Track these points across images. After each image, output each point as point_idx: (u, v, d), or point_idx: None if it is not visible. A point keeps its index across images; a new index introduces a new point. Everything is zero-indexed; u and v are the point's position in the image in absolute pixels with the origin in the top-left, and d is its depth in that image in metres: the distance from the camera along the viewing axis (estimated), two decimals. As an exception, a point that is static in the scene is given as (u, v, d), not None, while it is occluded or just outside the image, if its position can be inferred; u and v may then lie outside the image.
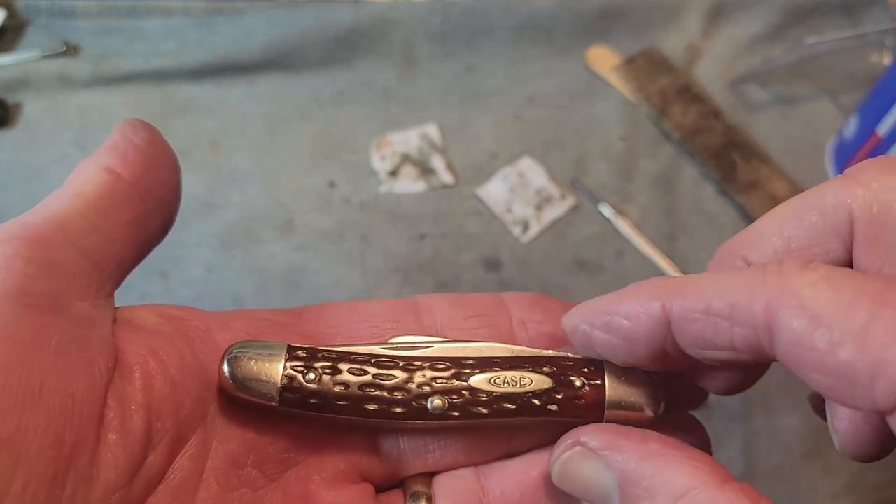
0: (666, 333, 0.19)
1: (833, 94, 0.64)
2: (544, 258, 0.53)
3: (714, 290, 0.17)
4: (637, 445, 0.19)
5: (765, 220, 0.20)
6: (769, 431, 0.47)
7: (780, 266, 0.17)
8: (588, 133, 0.60)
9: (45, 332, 0.17)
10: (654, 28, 0.66)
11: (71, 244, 0.19)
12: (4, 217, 0.62)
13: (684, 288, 0.18)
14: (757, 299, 0.16)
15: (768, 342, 0.16)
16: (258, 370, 0.20)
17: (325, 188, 0.56)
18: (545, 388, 0.21)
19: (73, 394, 0.17)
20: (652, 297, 0.19)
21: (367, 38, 0.63)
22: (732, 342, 0.17)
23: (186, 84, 0.61)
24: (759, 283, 0.17)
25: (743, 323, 0.17)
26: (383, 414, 0.21)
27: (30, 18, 0.64)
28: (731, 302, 0.17)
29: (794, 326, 0.15)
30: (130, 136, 0.21)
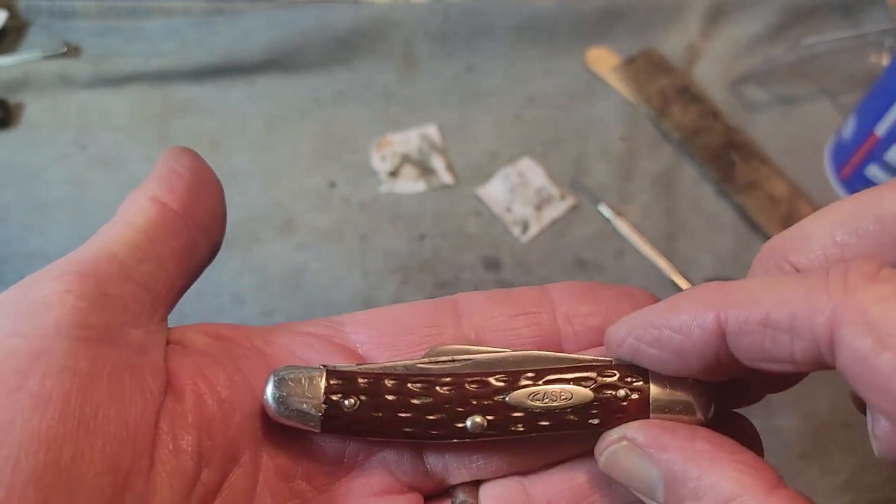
0: (720, 345, 0.18)
1: (832, 94, 0.64)
2: (544, 258, 0.53)
3: (772, 299, 0.16)
4: (684, 444, 0.18)
5: (813, 222, 0.19)
6: (768, 431, 0.47)
7: (846, 275, 0.16)
8: (588, 133, 0.60)
9: (99, 362, 0.18)
10: (654, 28, 0.66)
11: (123, 274, 0.20)
12: (6, 216, 0.62)
13: (739, 297, 0.17)
14: (819, 311, 0.15)
15: (830, 356, 0.16)
16: (300, 399, 0.20)
17: (326, 188, 0.56)
18: (586, 402, 0.21)
19: (127, 420, 0.18)
20: (705, 308, 0.18)
21: (367, 38, 0.63)
22: (793, 355, 0.16)
23: (186, 84, 0.61)
24: (821, 294, 0.16)
25: (803, 336, 0.16)
26: (423, 435, 0.21)
27: (31, 19, 0.64)
28: (791, 313, 0.16)
29: (859, 346, 0.15)
30: (175, 166, 0.22)
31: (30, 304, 0.18)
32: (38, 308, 0.18)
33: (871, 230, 0.18)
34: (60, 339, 0.18)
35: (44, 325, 0.18)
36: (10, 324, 0.18)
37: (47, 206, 0.55)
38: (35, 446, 0.16)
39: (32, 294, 0.18)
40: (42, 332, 0.17)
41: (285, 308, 0.51)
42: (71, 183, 0.56)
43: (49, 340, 0.17)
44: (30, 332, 0.17)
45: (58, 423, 0.16)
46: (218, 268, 0.52)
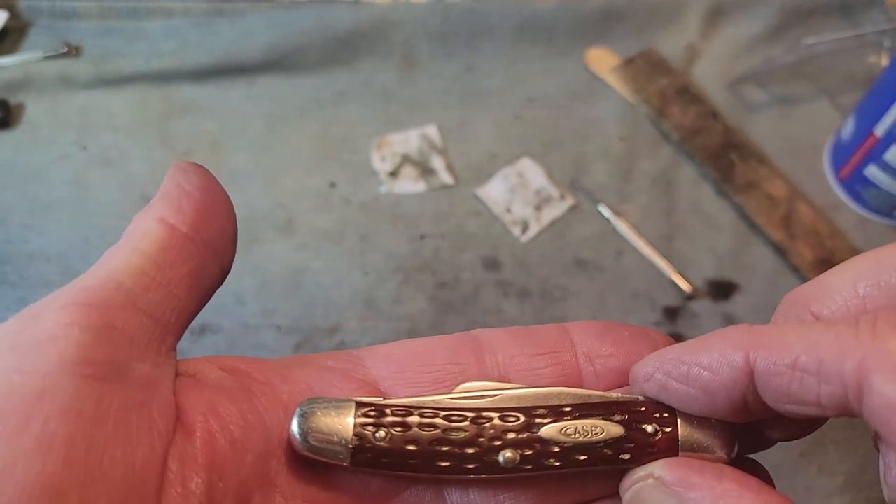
0: (748, 385, 0.18)
1: (831, 94, 0.64)
2: (544, 258, 0.54)
3: (802, 343, 0.17)
4: (711, 483, 0.18)
5: (835, 274, 0.19)
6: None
7: (875, 323, 0.16)
8: (587, 133, 0.60)
9: (105, 401, 0.17)
10: (653, 29, 0.66)
11: (130, 304, 0.19)
12: (7, 216, 0.62)
13: (770, 339, 0.17)
14: (848, 357, 0.16)
15: (857, 402, 0.16)
16: (329, 431, 0.20)
17: (326, 188, 0.56)
18: (617, 437, 0.20)
19: (134, 463, 0.17)
20: (735, 347, 0.18)
21: (367, 38, 0.63)
22: (819, 399, 0.16)
23: (187, 84, 0.61)
24: (850, 340, 0.16)
25: (832, 381, 0.16)
26: (455, 470, 0.20)
27: (32, 20, 0.64)
28: (820, 358, 0.16)
29: (887, 392, 0.15)
30: (184, 184, 0.21)
31: (32, 337, 0.17)
32: (42, 342, 0.17)
33: (893, 283, 0.18)
34: (64, 376, 0.17)
35: (47, 361, 0.17)
36: (11, 358, 0.17)
37: (48, 207, 0.55)
38: (38, 492, 0.15)
39: (35, 326, 0.18)
40: (45, 369, 0.17)
41: (286, 308, 0.51)
42: (71, 183, 0.56)
43: (53, 378, 0.17)
44: (32, 368, 0.17)
45: (62, 468, 0.16)
46: (218, 268, 0.52)
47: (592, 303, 0.52)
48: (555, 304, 0.52)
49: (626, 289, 0.53)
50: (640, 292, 0.52)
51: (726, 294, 0.53)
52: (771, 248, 0.54)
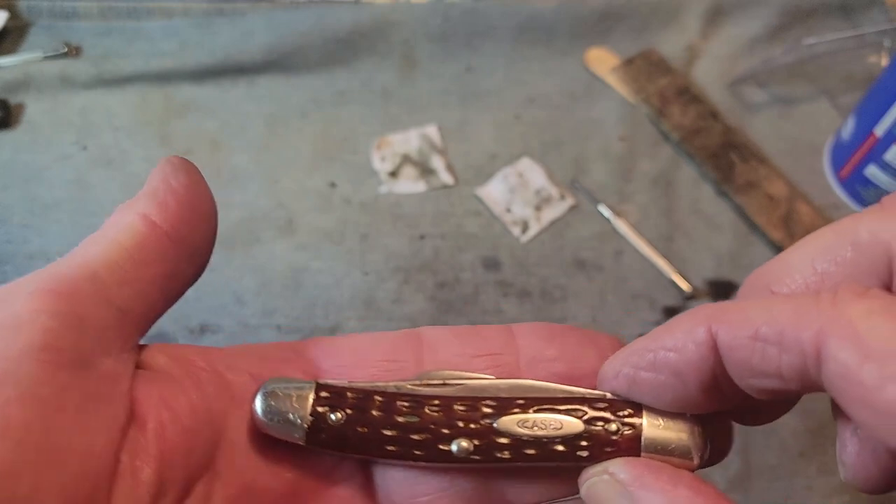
0: (715, 361, 0.18)
1: (831, 94, 0.64)
2: (543, 258, 0.54)
3: (763, 315, 0.17)
4: (665, 487, 0.18)
5: (794, 252, 0.19)
6: (766, 430, 0.47)
7: (835, 293, 0.16)
8: (587, 134, 0.60)
9: (66, 390, 0.17)
10: (653, 29, 0.66)
11: (102, 297, 0.19)
12: (7, 216, 0.62)
13: (731, 313, 0.17)
14: (807, 326, 0.16)
15: (815, 371, 0.16)
16: (287, 409, 0.20)
17: (326, 188, 0.56)
18: (575, 433, 0.20)
19: (89, 452, 0.17)
20: (697, 323, 0.18)
21: (367, 38, 0.63)
22: (780, 370, 0.16)
23: (187, 85, 0.61)
24: (811, 310, 0.16)
25: (791, 350, 0.16)
26: (406, 455, 0.21)
27: (32, 20, 0.64)
28: (780, 328, 0.16)
29: (842, 358, 0.15)
30: (171, 181, 0.21)
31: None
32: (8, 326, 0.17)
33: (848, 257, 0.18)
34: (28, 362, 0.17)
35: (12, 345, 0.17)
36: None
37: (48, 207, 0.55)
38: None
39: (3, 309, 0.17)
40: (9, 354, 0.17)
41: (286, 308, 0.51)
42: (72, 183, 0.56)
43: (15, 363, 0.16)
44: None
45: (16, 452, 0.16)
46: (219, 268, 0.52)
47: (592, 303, 0.52)
48: (555, 304, 0.52)
49: (626, 289, 0.53)
50: (639, 292, 0.52)
51: (726, 294, 0.53)
52: (771, 248, 0.54)
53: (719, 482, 0.46)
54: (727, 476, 0.46)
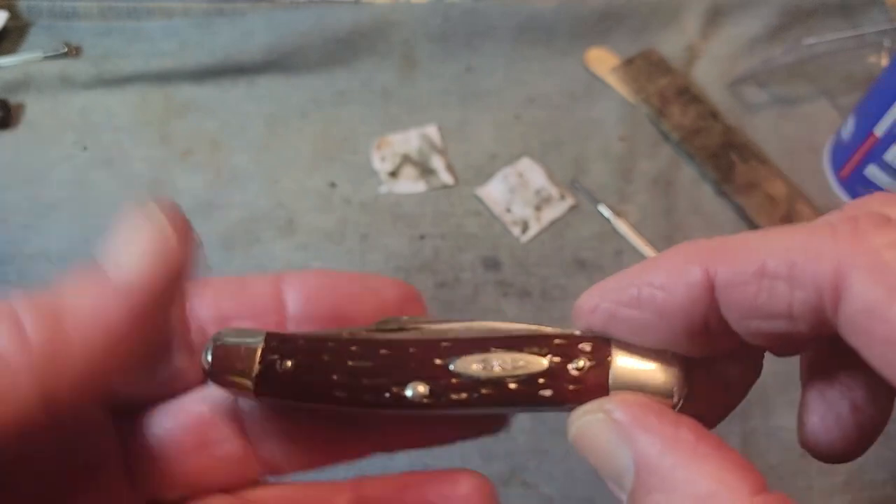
0: (709, 304, 0.16)
1: (831, 94, 0.64)
2: (543, 258, 0.54)
3: (769, 247, 0.15)
4: (666, 429, 0.16)
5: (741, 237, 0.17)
6: (767, 430, 0.47)
7: (856, 220, 0.14)
8: (587, 134, 0.60)
9: None
10: (653, 29, 0.66)
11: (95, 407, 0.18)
12: (7, 216, 0.62)
13: (731, 248, 0.16)
14: (825, 257, 0.14)
15: (833, 309, 0.14)
16: (236, 359, 0.19)
17: (326, 188, 0.56)
18: (538, 371, 0.18)
19: None
20: (691, 261, 0.16)
21: (367, 38, 0.63)
22: (791, 308, 0.15)
23: (187, 84, 0.61)
24: (827, 240, 0.14)
25: (805, 285, 0.14)
26: (357, 401, 0.19)
27: (32, 20, 0.64)
28: (792, 260, 0.14)
29: (868, 293, 0.13)
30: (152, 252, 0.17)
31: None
32: None
33: None
34: None
35: None
36: None
37: (49, 207, 0.55)
38: None
39: None
40: None
41: (286, 308, 0.51)
42: (72, 183, 0.56)
43: None
44: None
45: None
46: (219, 268, 0.52)
47: (592, 303, 0.52)
48: (555, 303, 0.52)
49: (626, 289, 0.53)
50: (640, 292, 0.52)
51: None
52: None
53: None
54: (727, 476, 0.46)
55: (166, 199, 0.18)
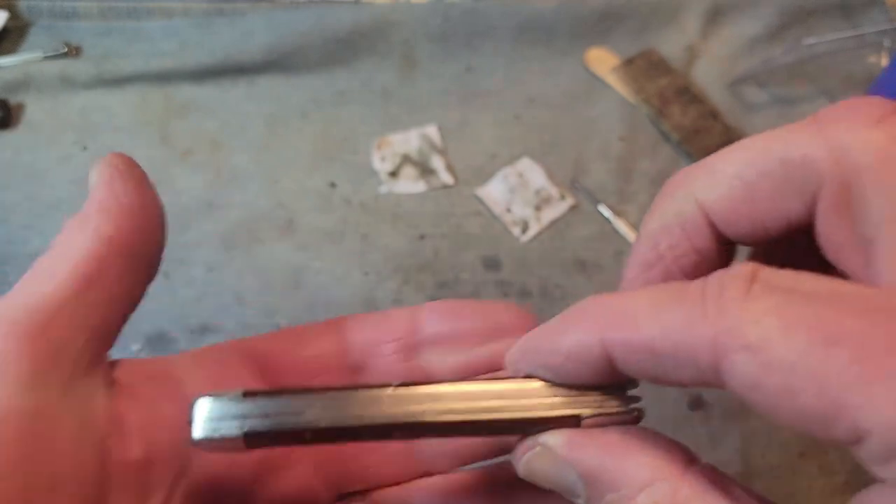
0: (610, 367, 0.17)
1: (831, 94, 0.64)
2: (543, 258, 0.54)
3: (654, 328, 0.16)
4: (596, 440, 0.18)
5: (722, 158, 0.19)
6: (766, 430, 0.47)
7: (720, 294, 0.15)
8: (587, 134, 0.60)
9: (56, 421, 0.18)
10: (653, 29, 0.66)
11: (72, 323, 0.19)
12: (7, 216, 0.62)
13: (622, 320, 0.17)
14: (700, 342, 0.15)
15: (717, 381, 0.15)
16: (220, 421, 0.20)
17: (326, 188, 0.56)
18: None
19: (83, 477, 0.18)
20: (590, 331, 0.17)
21: (367, 38, 0.63)
22: (680, 380, 0.16)
23: (187, 85, 0.61)
24: (699, 322, 0.15)
25: (688, 365, 0.16)
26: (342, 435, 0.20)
27: (32, 20, 0.64)
28: (674, 343, 0.16)
29: (746, 371, 0.14)
30: (119, 194, 0.21)
31: None
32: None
33: (776, 172, 0.17)
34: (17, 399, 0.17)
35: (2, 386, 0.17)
36: None
37: (49, 207, 0.55)
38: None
39: None
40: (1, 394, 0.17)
41: (287, 308, 0.51)
42: (72, 183, 0.56)
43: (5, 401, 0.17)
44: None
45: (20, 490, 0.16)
46: (219, 268, 0.52)
47: (592, 303, 0.52)
48: (555, 303, 0.52)
49: (626, 289, 0.53)
50: (640, 292, 0.52)
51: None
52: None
53: (719, 482, 0.46)
54: (727, 476, 0.46)
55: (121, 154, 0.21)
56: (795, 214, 0.17)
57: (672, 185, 0.20)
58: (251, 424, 0.20)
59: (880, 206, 0.15)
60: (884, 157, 0.15)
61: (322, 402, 0.20)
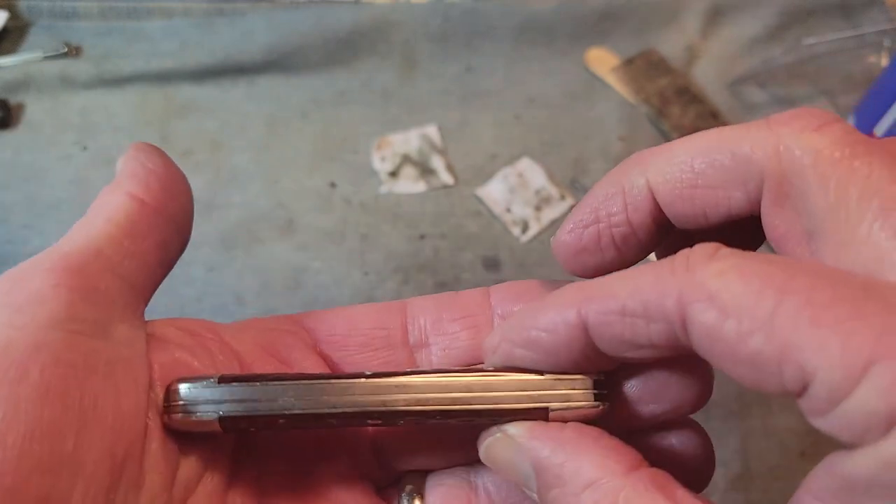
0: (586, 340, 0.19)
1: (831, 94, 0.64)
2: (543, 258, 0.54)
3: (626, 290, 0.17)
4: (552, 433, 0.19)
5: (679, 145, 0.20)
6: (766, 430, 0.47)
7: (687, 257, 0.17)
8: (587, 134, 0.60)
9: (93, 355, 0.19)
10: (653, 29, 0.66)
11: (109, 270, 0.20)
12: (7, 216, 0.62)
13: (597, 290, 0.18)
14: (668, 294, 0.16)
15: (684, 335, 0.17)
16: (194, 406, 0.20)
17: (326, 188, 0.57)
18: None
19: (122, 410, 0.19)
20: (567, 305, 0.19)
21: (367, 39, 0.63)
22: (650, 339, 0.17)
23: (187, 85, 0.61)
24: (668, 278, 0.17)
25: (658, 319, 0.17)
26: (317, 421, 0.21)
27: (32, 20, 0.64)
28: (644, 300, 0.17)
29: (705, 319, 0.16)
30: (147, 163, 0.22)
31: (22, 297, 0.18)
32: (32, 301, 0.18)
33: (725, 164, 0.19)
34: (56, 332, 0.18)
35: (39, 318, 0.18)
36: (4, 316, 0.18)
37: (49, 207, 0.55)
38: (39, 434, 0.17)
39: (24, 286, 0.19)
40: (37, 326, 0.18)
41: (287, 307, 0.51)
42: (72, 183, 0.56)
43: (45, 333, 0.18)
44: (24, 324, 0.18)
45: (60, 413, 0.17)
46: (219, 268, 0.52)
47: (592, 303, 0.52)
48: (555, 303, 0.52)
49: (626, 289, 0.53)
50: (639, 292, 0.53)
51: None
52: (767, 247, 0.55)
53: (719, 482, 0.46)
54: (727, 476, 0.46)
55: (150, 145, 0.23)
56: (736, 204, 0.19)
57: (630, 161, 0.21)
58: (226, 409, 0.20)
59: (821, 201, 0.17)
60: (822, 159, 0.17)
61: (296, 389, 0.21)
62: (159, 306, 0.56)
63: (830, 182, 0.17)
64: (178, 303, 0.51)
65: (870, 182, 0.16)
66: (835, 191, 0.17)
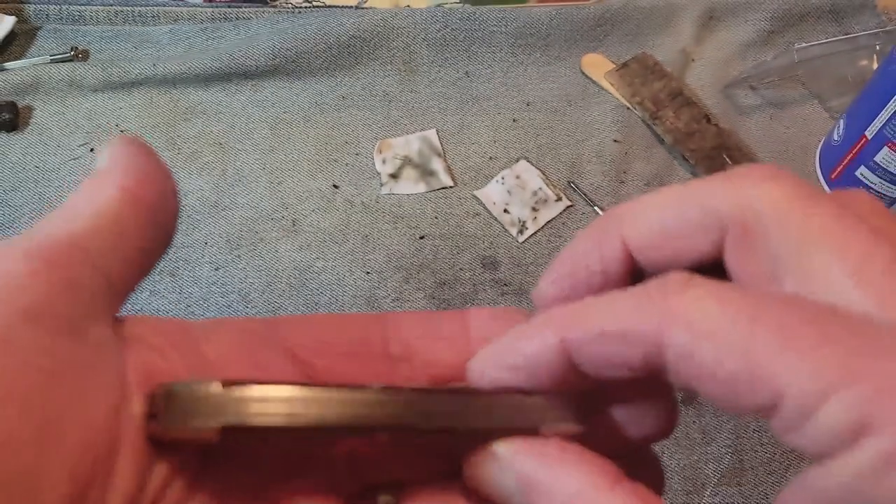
0: (567, 364, 0.19)
1: (822, 97, 0.65)
2: (540, 258, 0.55)
3: (606, 316, 0.18)
4: (537, 448, 0.20)
5: (651, 200, 0.21)
6: (759, 426, 0.48)
7: (664, 285, 0.18)
8: (583, 137, 0.61)
9: (65, 358, 0.17)
10: (648, 34, 0.67)
11: (92, 265, 0.19)
12: (15, 217, 0.63)
13: (579, 316, 0.19)
14: (645, 320, 0.17)
15: (660, 358, 0.17)
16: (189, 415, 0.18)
17: (329, 190, 0.57)
18: None
19: (90, 422, 0.17)
20: (549, 330, 0.19)
21: (369, 44, 0.64)
22: (627, 362, 0.18)
23: (193, 88, 0.62)
24: (646, 304, 0.18)
25: (635, 344, 0.18)
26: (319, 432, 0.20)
27: (40, 24, 0.65)
28: (623, 326, 0.18)
29: (682, 342, 0.17)
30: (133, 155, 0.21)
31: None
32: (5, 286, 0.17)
33: (693, 217, 0.20)
34: (24, 328, 0.16)
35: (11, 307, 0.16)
36: None
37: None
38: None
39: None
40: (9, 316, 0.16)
41: (291, 306, 0.52)
42: (80, 185, 0.57)
43: (13, 330, 0.16)
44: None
45: (17, 424, 0.15)
46: (225, 267, 0.53)
47: (588, 301, 0.53)
48: (552, 302, 0.53)
49: (621, 288, 0.53)
50: (634, 291, 0.53)
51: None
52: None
53: (711, 476, 0.46)
54: (720, 470, 0.47)
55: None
56: (706, 252, 0.20)
57: (605, 218, 0.22)
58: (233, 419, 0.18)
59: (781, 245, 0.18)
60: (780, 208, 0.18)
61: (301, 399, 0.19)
62: (167, 304, 0.56)
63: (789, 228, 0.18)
64: (185, 301, 0.52)
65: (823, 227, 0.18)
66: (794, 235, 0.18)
